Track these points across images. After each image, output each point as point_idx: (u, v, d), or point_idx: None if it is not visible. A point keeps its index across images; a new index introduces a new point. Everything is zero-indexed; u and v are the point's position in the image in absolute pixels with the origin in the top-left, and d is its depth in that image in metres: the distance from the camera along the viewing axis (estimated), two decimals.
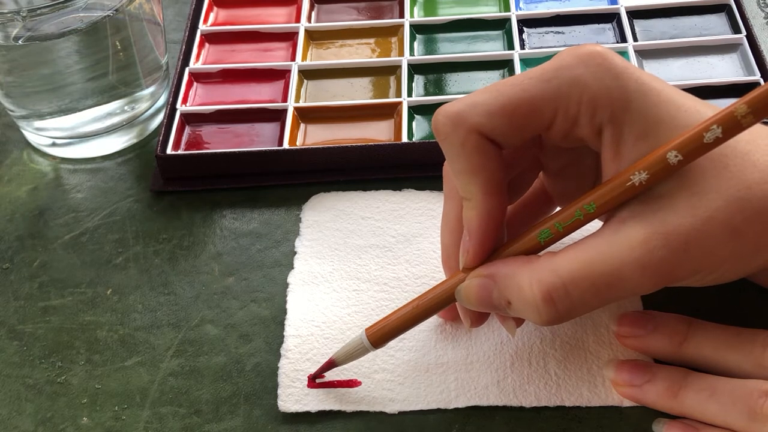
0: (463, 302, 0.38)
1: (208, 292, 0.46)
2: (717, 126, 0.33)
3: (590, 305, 0.36)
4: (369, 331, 0.39)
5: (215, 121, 0.53)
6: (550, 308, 0.35)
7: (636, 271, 0.34)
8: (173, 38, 0.60)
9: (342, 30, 0.58)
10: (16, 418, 0.41)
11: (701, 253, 0.34)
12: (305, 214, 0.48)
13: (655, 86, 0.36)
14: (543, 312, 0.35)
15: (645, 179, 0.34)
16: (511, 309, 0.36)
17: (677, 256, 0.34)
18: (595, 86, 0.35)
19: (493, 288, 0.36)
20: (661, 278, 0.35)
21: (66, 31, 0.49)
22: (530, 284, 0.35)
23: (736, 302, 0.42)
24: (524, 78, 0.36)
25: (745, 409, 0.35)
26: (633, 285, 0.35)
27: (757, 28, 0.55)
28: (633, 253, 0.34)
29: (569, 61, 0.36)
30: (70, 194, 0.52)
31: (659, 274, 0.34)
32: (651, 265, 0.34)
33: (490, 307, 0.37)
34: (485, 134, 0.36)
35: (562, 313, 0.35)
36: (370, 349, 0.39)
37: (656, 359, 0.39)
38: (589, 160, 0.39)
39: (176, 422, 0.40)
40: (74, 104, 0.52)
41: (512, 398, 0.39)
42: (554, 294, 0.35)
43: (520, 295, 0.36)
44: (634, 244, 0.34)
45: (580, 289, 0.35)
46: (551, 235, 0.36)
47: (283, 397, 0.40)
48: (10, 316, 0.45)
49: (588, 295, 0.35)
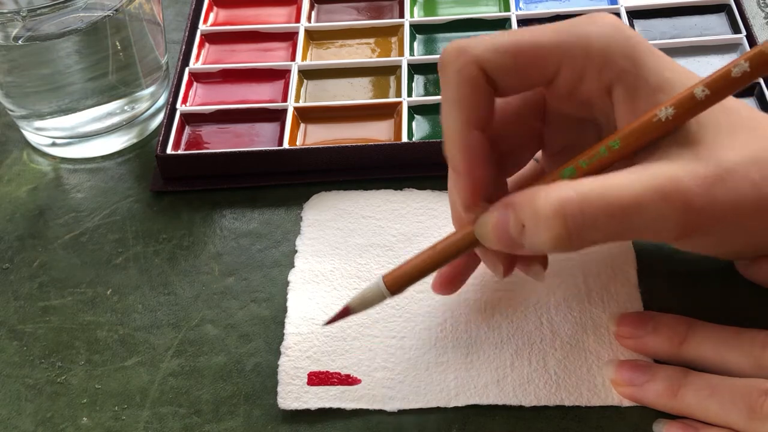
0: (482, 239, 0.36)
1: (208, 292, 0.46)
2: (745, 61, 0.33)
3: (603, 231, 0.33)
4: (387, 278, 0.38)
5: (215, 121, 0.53)
6: (560, 224, 0.33)
7: (657, 199, 0.33)
8: (173, 38, 0.60)
9: (342, 30, 0.58)
10: (16, 418, 0.41)
11: (726, 199, 0.34)
12: (306, 212, 0.49)
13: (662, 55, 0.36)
14: (553, 227, 0.33)
15: (671, 114, 0.34)
16: (524, 235, 0.34)
17: (702, 192, 0.33)
18: (604, 42, 0.35)
19: (510, 216, 0.34)
20: (683, 215, 0.33)
21: (66, 31, 0.49)
22: (546, 198, 0.33)
23: (736, 302, 0.42)
24: (538, 27, 0.36)
25: (744, 408, 0.35)
26: (651, 216, 0.33)
27: (757, 28, 0.55)
28: (656, 181, 0.33)
29: (583, 20, 0.36)
30: (70, 194, 0.52)
31: (681, 209, 0.33)
32: (673, 196, 0.33)
33: (508, 239, 0.35)
34: (486, 69, 0.36)
35: (572, 232, 0.33)
36: (387, 296, 0.38)
37: (656, 359, 0.39)
38: (591, 140, 0.38)
39: (176, 422, 0.40)
40: (74, 104, 0.52)
41: (512, 397, 0.39)
42: (567, 207, 0.33)
43: (534, 212, 0.33)
44: (658, 173, 0.34)
45: (594, 207, 0.33)
46: (574, 171, 0.35)
47: (283, 394, 0.40)
48: (10, 316, 0.45)
49: (602, 217, 0.33)
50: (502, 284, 0.43)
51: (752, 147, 0.35)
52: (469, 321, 0.42)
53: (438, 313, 0.43)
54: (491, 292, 0.43)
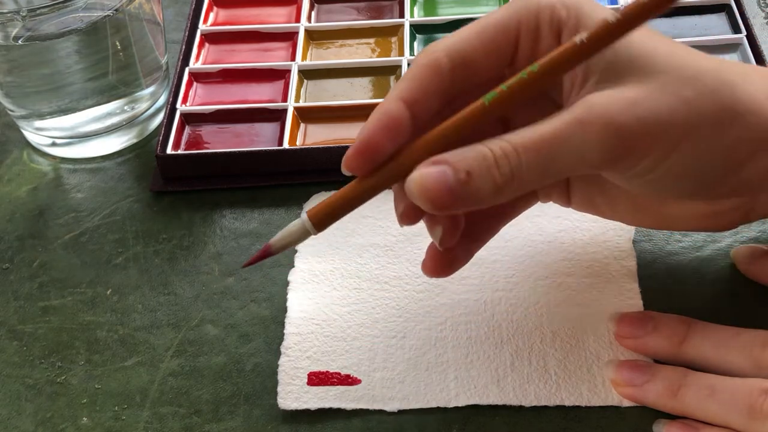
0: (417, 193, 0.35)
1: (208, 292, 0.46)
2: None
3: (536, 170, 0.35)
4: (310, 212, 0.36)
5: (215, 121, 0.53)
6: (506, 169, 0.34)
7: (574, 126, 0.34)
8: (173, 38, 0.60)
9: (342, 30, 0.58)
10: (16, 418, 0.41)
11: (651, 116, 0.34)
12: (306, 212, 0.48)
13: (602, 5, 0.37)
14: (496, 176, 0.34)
15: (585, 38, 0.34)
16: (470, 182, 0.34)
17: (623, 111, 0.34)
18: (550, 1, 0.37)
19: (446, 169, 0.34)
20: (605, 136, 0.34)
21: (66, 31, 0.49)
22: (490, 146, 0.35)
23: (736, 302, 0.42)
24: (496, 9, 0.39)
25: (744, 407, 0.35)
26: (573, 144, 0.34)
27: (757, 28, 0.55)
28: (574, 112, 0.34)
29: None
30: (70, 194, 0.52)
31: (603, 130, 0.34)
32: (590, 119, 0.34)
33: (447, 192, 0.34)
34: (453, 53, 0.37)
35: (515, 175, 0.34)
36: (312, 231, 0.36)
37: (656, 359, 0.39)
38: None
39: (176, 422, 0.40)
40: (74, 104, 0.52)
41: (512, 397, 0.39)
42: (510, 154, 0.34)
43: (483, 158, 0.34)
44: (577, 106, 0.35)
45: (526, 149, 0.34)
46: (496, 94, 0.35)
47: (283, 394, 0.40)
48: (10, 316, 0.45)
49: (533, 157, 0.34)
50: (502, 284, 0.43)
51: (691, 67, 0.35)
52: (469, 321, 0.42)
53: (438, 313, 0.43)
54: (491, 292, 0.43)
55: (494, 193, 0.35)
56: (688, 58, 0.36)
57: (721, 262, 0.43)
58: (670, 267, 0.44)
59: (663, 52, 0.36)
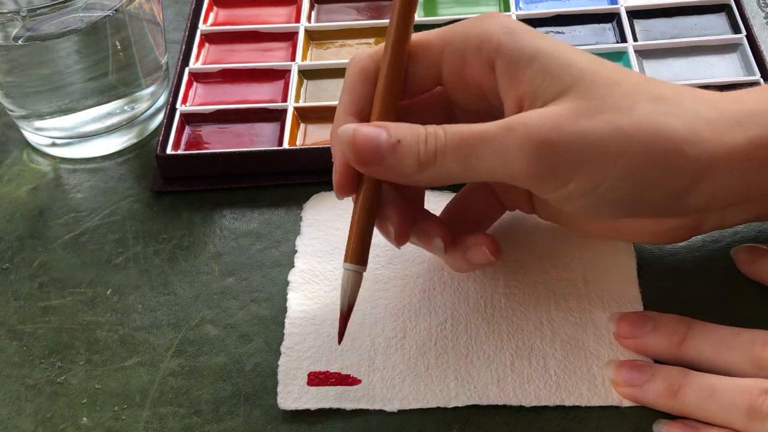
0: (347, 141, 0.37)
1: (208, 292, 0.46)
2: None
3: (458, 160, 0.36)
4: (347, 259, 0.39)
5: (215, 121, 0.53)
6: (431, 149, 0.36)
7: (502, 132, 0.35)
8: (173, 38, 0.60)
9: (342, 30, 0.58)
10: (16, 418, 0.41)
11: (579, 138, 0.35)
12: (306, 212, 0.49)
13: (541, 33, 0.38)
14: (429, 143, 0.36)
15: None
16: (398, 148, 0.36)
17: (553, 127, 0.35)
18: (479, 27, 0.38)
19: (382, 131, 0.37)
20: (531, 148, 0.35)
21: (66, 31, 0.49)
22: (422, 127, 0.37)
23: (736, 302, 0.42)
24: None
25: (744, 407, 0.35)
26: (496, 147, 0.35)
27: (757, 28, 0.55)
28: (507, 118, 0.36)
29: (464, 20, 0.40)
30: (70, 194, 0.52)
31: (528, 141, 0.35)
32: (516, 128, 0.35)
33: (374, 150, 0.37)
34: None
35: (438, 157, 0.36)
36: (360, 270, 0.39)
37: (656, 359, 0.39)
38: None
39: (176, 422, 0.40)
40: (74, 104, 0.52)
41: (512, 397, 0.39)
42: (438, 136, 0.36)
43: (417, 133, 0.37)
44: (513, 117, 0.36)
45: (454, 138, 0.36)
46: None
47: (283, 394, 0.40)
48: (10, 316, 0.45)
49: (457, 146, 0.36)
50: (502, 284, 0.43)
51: (627, 100, 0.36)
52: (469, 321, 0.42)
53: (438, 313, 0.43)
54: (491, 292, 0.43)
55: (416, 167, 0.37)
56: (627, 86, 0.36)
57: (721, 262, 0.43)
58: (670, 267, 0.44)
59: (604, 76, 0.36)
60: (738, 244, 0.44)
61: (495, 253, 0.40)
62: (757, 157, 0.36)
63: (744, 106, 0.37)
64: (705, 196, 0.36)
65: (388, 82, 0.39)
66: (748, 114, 0.36)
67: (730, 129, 0.36)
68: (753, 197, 0.38)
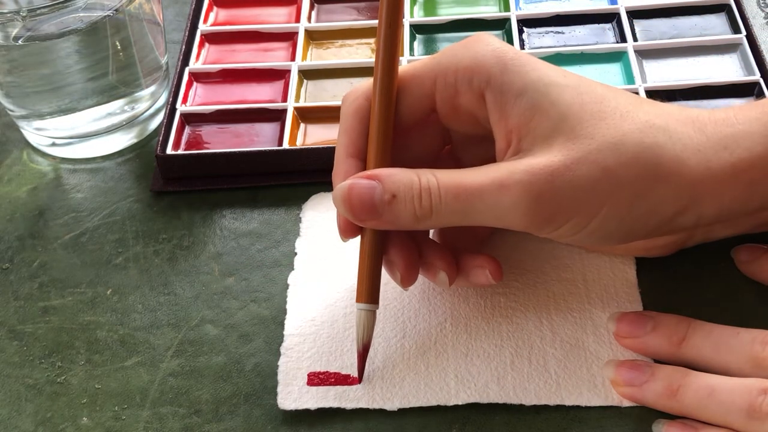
0: (343, 203, 0.38)
1: (208, 292, 0.46)
2: None
3: (453, 211, 0.37)
4: (358, 299, 0.40)
5: (215, 121, 0.53)
6: (426, 200, 0.37)
7: (494, 189, 0.36)
8: (173, 38, 0.60)
9: (342, 30, 0.58)
10: (16, 418, 0.41)
11: (570, 188, 0.36)
12: (305, 213, 0.49)
13: (532, 60, 0.38)
14: (424, 199, 0.37)
15: None
16: (393, 204, 0.37)
17: (545, 181, 0.36)
18: (470, 56, 0.39)
19: (376, 186, 0.37)
20: (527, 203, 0.36)
21: (66, 31, 0.49)
22: (417, 176, 0.37)
23: (736, 302, 0.42)
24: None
25: (744, 407, 0.35)
26: (490, 203, 0.36)
27: (757, 28, 0.55)
28: (498, 171, 0.37)
29: (456, 44, 0.40)
30: (70, 194, 0.52)
31: (524, 198, 0.36)
32: (511, 186, 0.36)
33: (370, 206, 0.37)
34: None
35: (434, 209, 0.37)
36: (373, 308, 0.40)
37: (656, 359, 0.39)
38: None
39: (176, 422, 0.40)
40: (74, 104, 0.52)
41: (512, 396, 0.39)
42: (433, 188, 0.37)
43: (410, 185, 0.37)
44: (503, 167, 0.37)
45: (448, 190, 0.37)
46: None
47: (283, 395, 0.40)
48: (10, 316, 0.45)
49: (452, 199, 0.37)
50: (502, 285, 0.43)
51: (614, 133, 0.36)
52: (469, 321, 0.42)
53: (438, 312, 0.43)
54: (491, 293, 0.43)
55: (413, 221, 0.38)
56: (613, 121, 0.37)
57: (721, 262, 0.43)
58: (669, 267, 0.44)
59: (589, 112, 0.37)
60: (738, 244, 0.44)
61: (497, 277, 0.41)
62: (744, 179, 0.37)
63: (731, 129, 0.38)
64: (693, 218, 0.38)
65: (380, 122, 0.39)
66: (735, 138, 0.37)
67: (717, 154, 0.37)
68: (740, 214, 0.39)
